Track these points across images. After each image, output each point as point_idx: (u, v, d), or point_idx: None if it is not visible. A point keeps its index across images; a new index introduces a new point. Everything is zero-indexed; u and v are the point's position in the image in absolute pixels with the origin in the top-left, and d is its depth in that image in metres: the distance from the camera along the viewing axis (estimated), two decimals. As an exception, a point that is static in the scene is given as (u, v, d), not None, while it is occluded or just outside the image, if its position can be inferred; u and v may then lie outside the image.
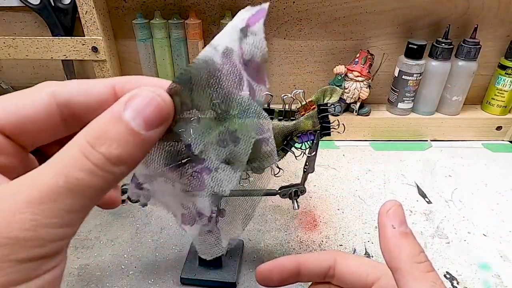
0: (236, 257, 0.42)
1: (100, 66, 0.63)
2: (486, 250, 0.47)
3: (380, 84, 0.72)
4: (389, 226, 0.22)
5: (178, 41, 0.64)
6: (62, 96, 0.19)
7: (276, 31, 0.66)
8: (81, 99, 0.19)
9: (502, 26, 0.66)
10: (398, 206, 0.23)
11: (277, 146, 0.36)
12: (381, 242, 0.22)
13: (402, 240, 0.21)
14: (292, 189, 0.40)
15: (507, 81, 0.67)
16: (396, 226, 0.22)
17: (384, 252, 0.22)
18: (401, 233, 0.22)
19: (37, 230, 0.14)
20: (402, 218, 0.22)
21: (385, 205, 0.23)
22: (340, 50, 0.68)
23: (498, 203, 0.55)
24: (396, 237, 0.22)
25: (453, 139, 0.72)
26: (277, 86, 0.72)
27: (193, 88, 0.18)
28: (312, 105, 0.35)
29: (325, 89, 0.34)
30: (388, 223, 0.22)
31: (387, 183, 0.59)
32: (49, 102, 0.18)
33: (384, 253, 0.22)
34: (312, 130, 0.35)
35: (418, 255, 0.21)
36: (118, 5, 0.63)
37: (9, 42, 0.60)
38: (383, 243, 0.22)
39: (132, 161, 0.17)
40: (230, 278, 0.40)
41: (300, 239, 0.48)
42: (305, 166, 0.38)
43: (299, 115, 0.35)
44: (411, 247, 0.21)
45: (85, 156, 0.15)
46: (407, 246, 0.21)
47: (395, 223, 0.22)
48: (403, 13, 0.64)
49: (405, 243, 0.21)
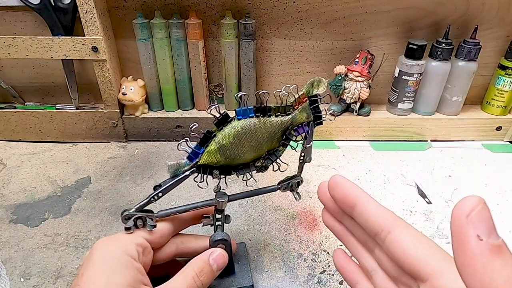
0: (245, 260, 0.43)
1: (100, 66, 0.63)
2: (486, 250, 0.47)
3: (380, 84, 0.72)
4: (472, 237, 0.16)
5: (178, 41, 0.64)
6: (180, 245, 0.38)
7: (276, 31, 0.66)
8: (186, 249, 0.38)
9: (502, 27, 0.66)
10: (483, 205, 0.16)
11: (277, 142, 0.36)
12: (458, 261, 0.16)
13: (494, 259, 0.15)
14: (291, 181, 0.40)
15: (507, 81, 0.67)
16: (484, 236, 0.15)
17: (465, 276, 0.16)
18: (492, 247, 0.15)
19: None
20: (490, 223, 0.16)
21: (463, 204, 0.16)
22: (340, 50, 0.68)
23: (498, 203, 0.55)
24: (485, 254, 0.15)
25: (453, 139, 0.72)
26: (277, 86, 0.72)
27: None
28: (304, 98, 0.36)
29: (312, 81, 0.35)
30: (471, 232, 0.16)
31: (387, 183, 0.59)
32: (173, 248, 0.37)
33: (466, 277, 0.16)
34: (306, 121, 0.36)
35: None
36: (118, 4, 0.63)
37: (9, 41, 0.60)
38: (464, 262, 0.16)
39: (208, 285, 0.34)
40: (247, 282, 0.40)
41: (300, 239, 0.48)
42: (300, 156, 0.39)
43: (293, 109, 0.36)
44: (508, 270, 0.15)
45: (195, 280, 0.32)
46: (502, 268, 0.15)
47: (482, 232, 0.16)
48: (403, 13, 0.64)
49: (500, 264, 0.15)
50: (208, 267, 0.34)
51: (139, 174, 0.61)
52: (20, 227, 0.50)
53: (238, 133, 0.33)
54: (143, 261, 0.33)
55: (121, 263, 0.30)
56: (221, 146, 0.33)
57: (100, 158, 0.66)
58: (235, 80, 0.68)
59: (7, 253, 0.46)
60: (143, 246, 0.33)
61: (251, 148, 0.35)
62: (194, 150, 0.34)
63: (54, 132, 0.70)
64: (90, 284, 0.28)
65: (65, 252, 0.46)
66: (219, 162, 0.35)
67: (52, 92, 0.72)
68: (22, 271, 0.44)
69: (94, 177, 0.60)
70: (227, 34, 0.63)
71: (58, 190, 0.57)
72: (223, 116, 0.33)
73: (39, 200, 0.55)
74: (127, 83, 0.67)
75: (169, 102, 0.71)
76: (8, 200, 0.55)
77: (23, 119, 0.68)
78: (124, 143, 0.71)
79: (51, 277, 0.43)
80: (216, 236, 0.37)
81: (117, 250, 0.31)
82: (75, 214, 0.53)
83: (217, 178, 0.36)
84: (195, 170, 0.34)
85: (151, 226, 0.34)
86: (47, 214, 0.53)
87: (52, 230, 0.50)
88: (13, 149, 0.68)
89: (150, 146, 0.70)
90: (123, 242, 0.32)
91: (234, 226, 0.50)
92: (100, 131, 0.70)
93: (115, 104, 0.67)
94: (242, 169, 0.37)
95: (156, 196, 0.34)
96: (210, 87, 0.72)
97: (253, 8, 0.64)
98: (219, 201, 0.37)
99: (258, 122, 0.34)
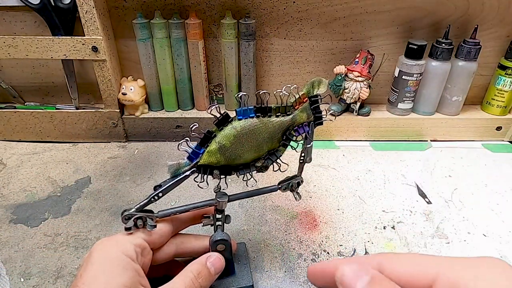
0: (245, 260, 0.43)
1: (100, 65, 0.63)
2: (486, 250, 0.47)
3: (380, 84, 0.72)
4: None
5: (178, 41, 0.64)
6: (179, 245, 0.38)
7: (276, 31, 0.66)
8: (186, 249, 0.38)
9: (502, 27, 0.66)
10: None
11: (277, 142, 0.36)
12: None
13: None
14: (291, 181, 0.40)
15: (507, 81, 0.67)
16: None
17: None
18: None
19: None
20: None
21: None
22: (340, 50, 0.68)
23: (498, 203, 0.55)
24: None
25: (453, 139, 0.72)
26: (277, 86, 0.72)
27: None
28: (304, 98, 0.36)
29: (312, 81, 0.35)
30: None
31: (387, 183, 0.59)
32: (172, 248, 0.37)
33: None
34: (306, 121, 0.36)
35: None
36: (118, 4, 0.63)
37: (9, 41, 0.60)
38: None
39: (207, 286, 0.35)
40: (247, 282, 0.40)
41: (300, 239, 0.48)
42: (301, 157, 0.39)
43: (294, 109, 0.36)
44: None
45: (193, 282, 0.33)
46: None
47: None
48: (403, 13, 0.64)
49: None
50: (206, 270, 0.35)
51: (139, 174, 0.61)
52: (20, 227, 0.50)
53: (238, 133, 0.33)
54: (142, 262, 0.33)
55: (120, 264, 0.30)
56: (221, 146, 0.33)
57: (100, 158, 0.66)
58: (235, 80, 0.68)
59: (7, 253, 0.46)
60: (142, 246, 0.33)
61: (252, 148, 0.35)
62: (195, 150, 0.34)
63: (54, 132, 0.70)
64: (89, 284, 0.28)
65: (65, 252, 0.46)
66: (220, 162, 0.35)
67: (52, 92, 0.72)
68: (22, 271, 0.44)
69: (94, 177, 0.60)
70: (227, 34, 0.63)
71: (58, 190, 0.57)
72: (224, 116, 0.33)
73: (39, 200, 0.55)
74: (127, 83, 0.67)
75: (169, 102, 0.71)
76: (8, 200, 0.55)
77: (23, 119, 0.68)
78: (124, 143, 0.71)
79: (51, 277, 0.43)
80: (216, 236, 0.37)
81: (115, 251, 0.31)
82: (75, 214, 0.53)
83: (217, 178, 0.36)
84: (195, 170, 0.34)
85: (151, 226, 0.34)
86: (47, 214, 0.53)
87: (52, 230, 0.50)
88: (13, 149, 0.68)
89: (150, 146, 0.70)
90: (122, 243, 0.32)
91: (234, 226, 0.50)
92: (100, 131, 0.70)
93: (115, 104, 0.67)
94: (242, 169, 0.37)
95: (156, 196, 0.34)
96: (210, 87, 0.72)
97: (253, 8, 0.64)
98: (219, 201, 0.37)
99: (258, 122, 0.34)
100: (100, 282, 0.29)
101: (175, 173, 0.34)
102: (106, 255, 0.31)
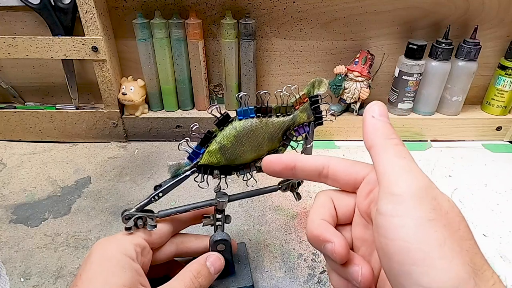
0: (245, 260, 0.43)
1: (100, 65, 0.63)
2: (486, 250, 0.47)
3: (380, 84, 0.72)
4: (369, 115, 0.26)
5: (178, 41, 0.64)
6: (180, 245, 0.38)
7: (276, 31, 0.66)
8: (186, 249, 0.38)
9: (502, 27, 0.66)
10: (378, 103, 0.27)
11: (278, 142, 0.36)
12: (363, 129, 0.26)
13: (378, 124, 0.26)
14: (291, 181, 0.40)
15: (507, 81, 0.67)
16: (375, 115, 0.26)
17: (364, 135, 0.26)
18: (378, 120, 0.26)
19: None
20: (381, 110, 0.26)
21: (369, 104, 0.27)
22: (340, 50, 0.68)
23: (498, 203, 0.55)
24: (373, 123, 0.26)
25: (453, 139, 0.72)
26: (277, 86, 0.72)
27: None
28: (304, 98, 0.36)
29: (313, 81, 0.36)
30: (368, 114, 0.26)
31: (387, 183, 0.59)
32: (172, 248, 0.37)
33: (364, 136, 0.26)
34: (307, 122, 0.36)
35: (391, 135, 0.25)
36: (118, 4, 0.63)
37: (9, 41, 0.60)
38: (364, 129, 0.26)
39: (206, 287, 0.34)
40: (247, 282, 0.40)
41: (300, 239, 0.48)
42: None
43: (294, 109, 0.36)
44: (385, 129, 0.25)
45: (192, 281, 0.33)
46: (381, 128, 0.25)
47: (374, 114, 0.26)
48: (403, 13, 0.64)
49: (380, 126, 0.26)
50: (205, 269, 0.35)
51: (139, 174, 0.61)
52: (20, 227, 0.50)
53: (239, 133, 0.33)
54: (142, 262, 0.33)
55: (119, 263, 0.30)
56: (222, 146, 0.33)
57: (100, 158, 0.66)
58: (235, 80, 0.68)
59: (7, 253, 0.46)
60: (141, 246, 0.33)
61: (252, 149, 0.35)
62: (195, 150, 0.34)
63: (54, 132, 0.70)
64: (88, 284, 0.28)
65: (65, 252, 0.46)
66: (220, 162, 0.35)
67: (52, 92, 0.72)
68: (22, 271, 0.44)
69: (94, 177, 0.60)
70: (227, 34, 0.63)
71: (58, 190, 0.57)
72: (224, 116, 0.33)
73: (39, 200, 0.55)
74: (127, 83, 0.67)
75: (169, 102, 0.71)
76: (8, 200, 0.55)
77: (23, 119, 0.68)
78: (124, 143, 0.71)
79: (51, 277, 0.43)
80: (216, 236, 0.37)
81: (115, 250, 0.31)
82: (75, 214, 0.53)
83: (218, 178, 0.36)
84: (196, 170, 0.34)
85: (152, 226, 0.34)
86: (47, 214, 0.53)
87: (52, 230, 0.50)
88: (13, 149, 0.68)
89: (150, 146, 0.70)
90: (122, 242, 0.32)
91: (234, 226, 0.50)
92: (100, 131, 0.70)
93: (115, 104, 0.67)
94: (242, 169, 0.37)
95: (156, 196, 0.34)
96: (210, 87, 0.72)
97: (253, 8, 0.64)
98: (220, 201, 0.37)
99: (259, 123, 0.34)
100: (99, 282, 0.29)
101: (175, 173, 0.34)
102: (105, 255, 0.31)
